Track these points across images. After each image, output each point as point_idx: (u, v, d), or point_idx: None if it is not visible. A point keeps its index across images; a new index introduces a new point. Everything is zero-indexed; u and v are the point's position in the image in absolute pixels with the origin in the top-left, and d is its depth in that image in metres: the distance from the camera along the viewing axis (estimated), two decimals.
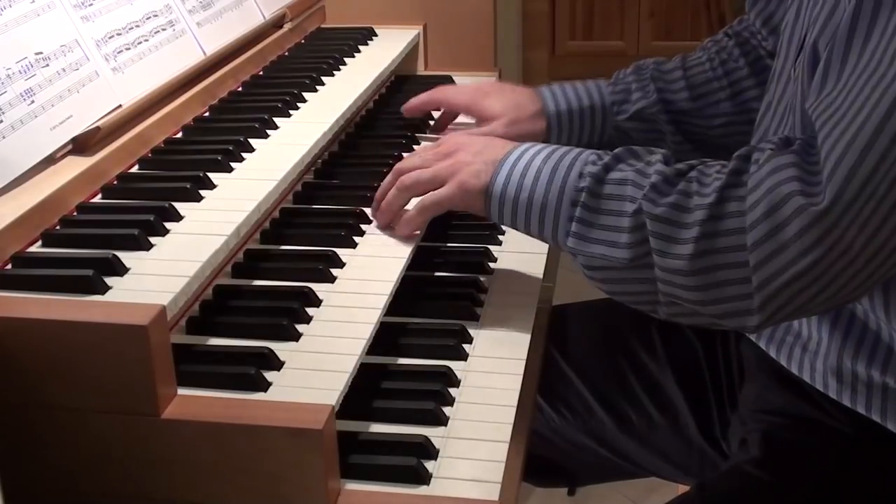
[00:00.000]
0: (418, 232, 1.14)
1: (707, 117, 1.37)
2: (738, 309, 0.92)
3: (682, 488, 1.40)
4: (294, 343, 0.95)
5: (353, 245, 1.12)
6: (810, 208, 0.86)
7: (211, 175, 1.11)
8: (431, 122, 1.45)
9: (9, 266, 0.93)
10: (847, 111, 0.86)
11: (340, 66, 1.51)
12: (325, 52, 1.56)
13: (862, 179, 0.84)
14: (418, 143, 1.38)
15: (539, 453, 1.29)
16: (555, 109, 1.36)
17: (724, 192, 0.92)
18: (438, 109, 1.46)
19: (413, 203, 1.14)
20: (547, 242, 1.07)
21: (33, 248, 0.97)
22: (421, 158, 1.15)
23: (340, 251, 1.10)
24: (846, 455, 1.06)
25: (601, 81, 1.39)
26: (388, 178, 1.15)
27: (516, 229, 1.08)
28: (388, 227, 1.15)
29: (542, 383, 1.14)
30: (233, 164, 1.15)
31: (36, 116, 1.05)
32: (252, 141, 1.21)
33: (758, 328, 0.94)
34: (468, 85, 1.44)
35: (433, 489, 0.87)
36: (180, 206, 1.04)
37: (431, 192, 1.11)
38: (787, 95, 1.07)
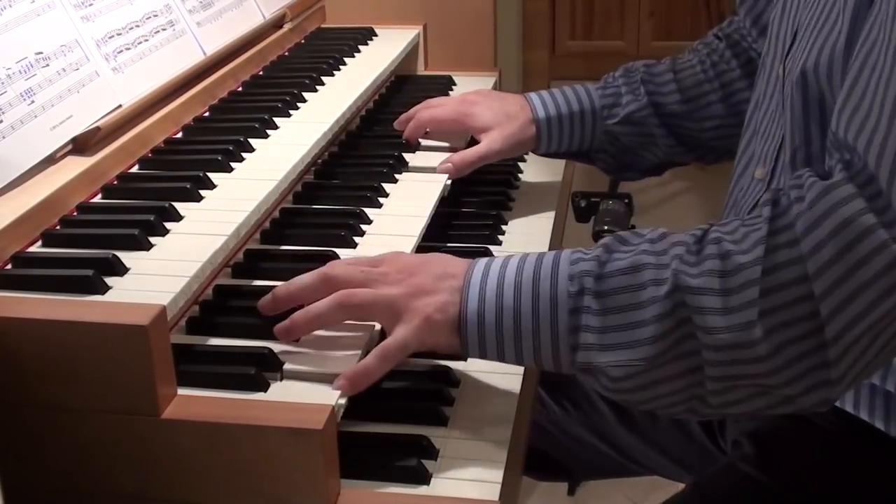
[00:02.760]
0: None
1: (699, 120, 1.36)
2: (816, 363, 0.81)
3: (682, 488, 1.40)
4: (294, 343, 0.95)
5: (353, 245, 1.12)
6: (894, 246, 0.78)
7: (211, 175, 1.11)
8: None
9: (9, 266, 0.93)
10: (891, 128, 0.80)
11: (340, 66, 1.51)
12: (325, 52, 1.56)
13: None
14: (419, 143, 1.38)
15: (540, 447, 1.29)
16: (544, 115, 1.34)
17: (770, 240, 0.82)
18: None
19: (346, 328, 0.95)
20: (543, 367, 0.91)
21: (33, 248, 0.97)
22: (364, 275, 0.94)
23: (340, 251, 1.10)
24: (836, 453, 1.06)
25: (590, 85, 1.38)
26: (314, 281, 0.94)
27: (502, 361, 0.92)
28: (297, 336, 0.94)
29: (544, 377, 1.13)
30: (233, 164, 1.15)
31: (36, 116, 1.05)
32: (252, 141, 1.21)
33: (839, 382, 0.82)
34: (454, 97, 1.42)
35: (433, 489, 0.87)
36: (180, 206, 1.04)
37: (393, 338, 0.91)
38: (776, 95, 1.07)
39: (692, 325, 0.83)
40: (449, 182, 1.29)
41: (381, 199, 1.22)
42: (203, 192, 1.08)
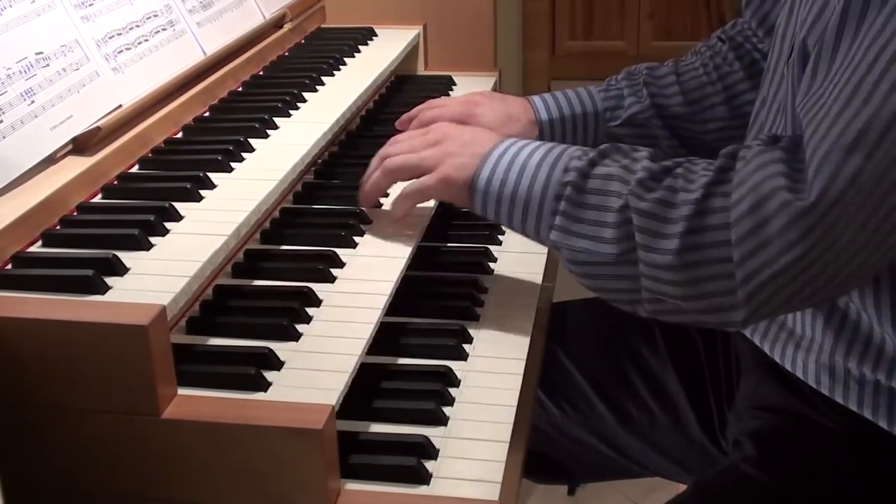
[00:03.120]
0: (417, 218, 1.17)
1: (701, 122, 1.36)
2: (723, 304, 0.92)
3: (683, 489, 1.40)
4: (294, 343, 0.95)
5: (353, 245, 1.12)
6: (795, 203, 0.86)
7: (211, 175, 1.11)
8: None
9: (9, 266, 0.93)
10: (832, 108, 0.87)
11: (340, 66, 1.51)
12: (325, 52, 1.56)
13: (848, 177, 0.84)
14: None
15: (540, 450, 1.29)
16: (547, 118, 1.35)
17: (711, 187, 0.92)
18: None
19: (399, 188, 1.15)
20: (529, 237, 1.06)
21: (33, 248, 0.97)
22: (409, 143, 1.15)
23: (340, 251, 1.10)
24: (839, 452, 1.06)
25: (593, 88, 1.39)
26: (374, 160, 1.17)
27: (499, 223, 1.10)
28: (371, 206, 1.19)
29: (543, 378, 1.14)
30: (233, 164, 1.15)
31: (36, 116, 1.05)
32: (252, 141, 1.21)
33: (743, 324, 0.95)
34: (457, 98, 1.43)
35: (433, 489, 0.88)
36: (180, 206, 1.04)
37: (415, 181, 1.12)
38: (780, 94, 1.08)
39: (634, 241, 0.95)
40: None
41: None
42: (203, 192, 1.08)
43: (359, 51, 1.59)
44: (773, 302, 0.91)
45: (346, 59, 1.54)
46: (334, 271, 1.07)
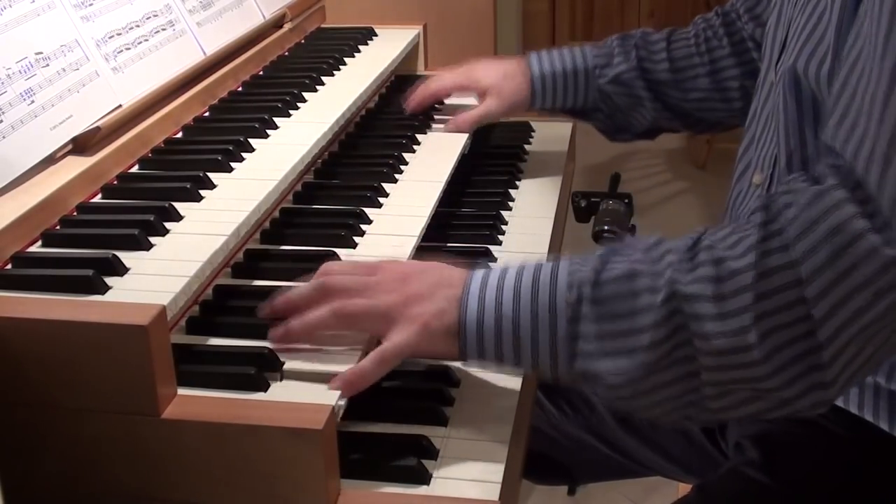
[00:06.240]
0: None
1: (684, 90, 1.42)
2: (809, 366, 0.81)
3: (683, 487, 1.40)
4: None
5: (354, 245, 1.12)
6: (885, 250, 0.78)
7: (211, 175, 1.11)
8: (432, 122, 1.45)
9: (9, 266, 0.93)
10: (879, 140, 0.79)
11: (340, 66, 1.51)
12: (325, 52, 1.56)
13: None
14: (419, 143, 1.38)
15: (540, 450, 1.29)
16: (539, 72, 1.42)
17: (762, 245, 0.82)
18: (440, 103, 1.50)
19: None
20: (541, 373, 0.91)
21: (33, 248, 0.97)
22: (360, 283, 0.94)
23: (340, 251, 1.10)
24: (841, 455, 1.06)
25: (588, 46, 1.45)
26: (311, 291, 0.94)
27: (500, 367, 0.92)
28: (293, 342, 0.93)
29: (543, 380, 1.14)
30: (233, 164, 1.15)
31: (36, 116, 1.05)
32: (252, 141, 1.21)
33: (833, 385, 0.82)
34: (454, 68, 1.49)
35: (433, 489, 0.87)
36: (180, 206, 1.04)
37: (390, 342, 0.91)
38: (769, 103, 1.08)
39: (688, 331, 0.83)
40: (446, 184, 1.29)
41: (381, 199, 1.22)
42: (203, 192, 1.08)
43: (359, 51, 1.59)
44: (861, 356, 0.82)
45: (346, 59, 1.54)
46: None
